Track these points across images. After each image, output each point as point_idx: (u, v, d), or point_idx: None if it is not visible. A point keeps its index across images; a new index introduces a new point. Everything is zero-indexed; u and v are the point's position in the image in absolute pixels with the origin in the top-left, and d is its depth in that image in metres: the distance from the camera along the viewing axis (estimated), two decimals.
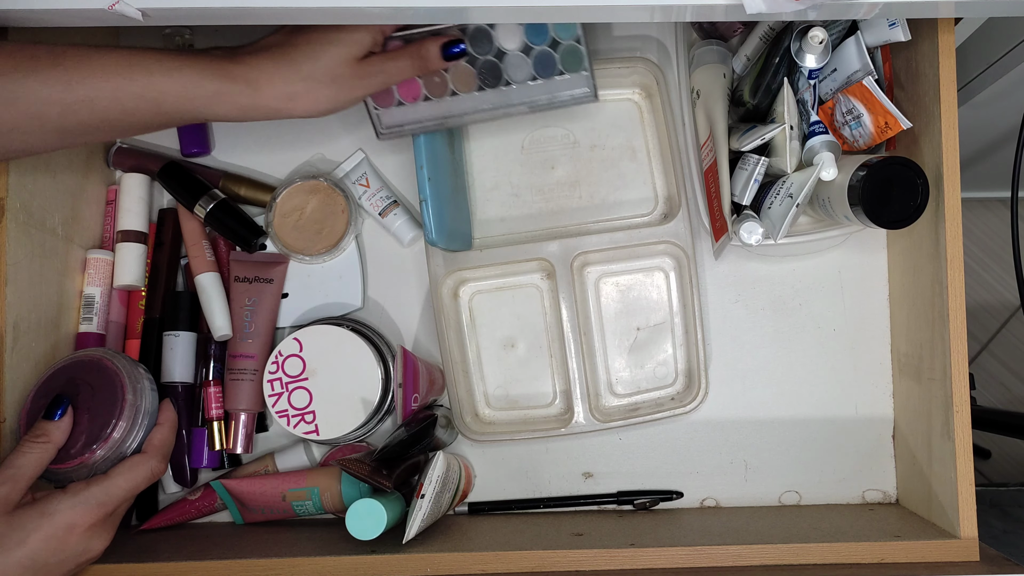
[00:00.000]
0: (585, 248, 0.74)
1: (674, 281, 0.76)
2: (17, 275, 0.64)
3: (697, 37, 0.74)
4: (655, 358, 0.77)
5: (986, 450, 1.47)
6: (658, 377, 0.77)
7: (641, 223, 0.76)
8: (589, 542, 0.66)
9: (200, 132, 0.76)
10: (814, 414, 0.76)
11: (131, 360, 0.68)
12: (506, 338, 0.77)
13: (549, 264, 0.74)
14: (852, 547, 0.64)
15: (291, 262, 0.76)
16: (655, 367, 0.77)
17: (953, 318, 0.64)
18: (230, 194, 0.75)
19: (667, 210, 0.76)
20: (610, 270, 0.77)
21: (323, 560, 0.63)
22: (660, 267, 0.76)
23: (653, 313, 0.77)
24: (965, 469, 0.64)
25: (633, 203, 0.77)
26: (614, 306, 0.77)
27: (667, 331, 0.76)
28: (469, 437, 0.75)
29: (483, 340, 0.77)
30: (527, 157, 0.77)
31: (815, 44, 0.62)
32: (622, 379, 0.77)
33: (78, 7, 0.52)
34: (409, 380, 0.69)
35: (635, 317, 0.77)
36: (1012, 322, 1.56)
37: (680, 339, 0.76)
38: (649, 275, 0.77)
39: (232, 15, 0.52)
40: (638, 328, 0.77)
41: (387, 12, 0.53)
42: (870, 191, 0.61)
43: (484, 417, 0.77)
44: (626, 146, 0.77)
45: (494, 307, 0.77)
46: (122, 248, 0.74)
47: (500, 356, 0.77)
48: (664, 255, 0.76)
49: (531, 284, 0.77)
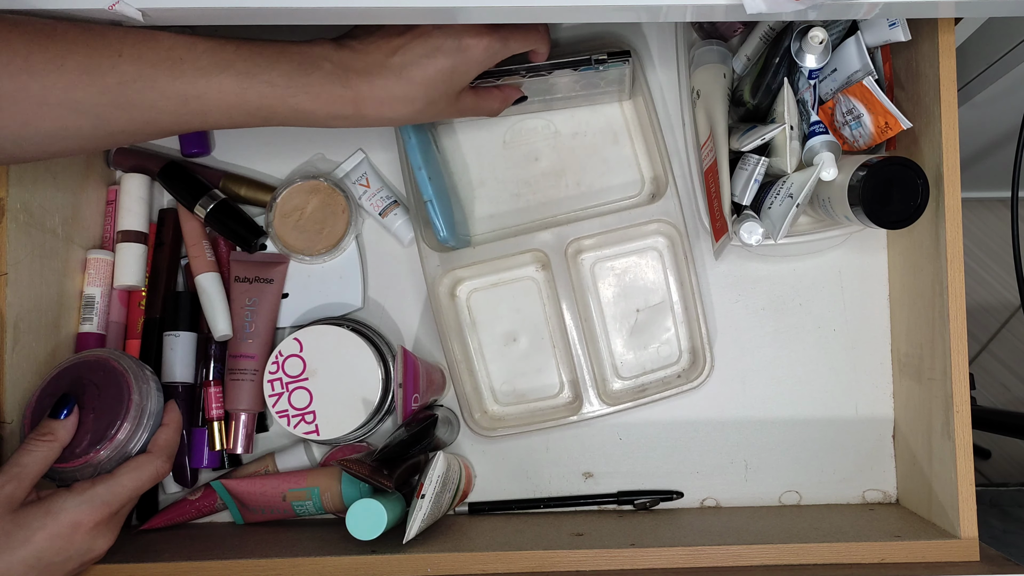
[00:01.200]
0: (578, 235, 0.74)
1: (668, 259, 0.76)
2: (17, 275, 0.64)
3: (697, 37, 0.74)
4: (658, 338, 0.77)
5: (986, 450, 1.47)
6: (663, 356, 0.77)
7: (630, 204, 0.76)
8: (589, 542, 0.66)
9: (200, 132, 0.76)
10: (814, 414, 0.76)
11: (137, 361, 0.68)
12: (507, 333, 0.77)
13: (543, 254, 0.74)
14: (852, 547, 0.64)
15: (291, 262, 0.76)
16: (659, 347, 0.77)
17: (953, 318, 0.64)
18: (230, 194, 0.75)
19: (654, 190, 0.77)
20: (604, 255, 0.77)
21: (323, 560, 0.63)
22: (654, 247, 0.77)
23: (651, 293, 0.77)
24: (965, 469, 0.64)
25: (620, 187, 0.77)
26: (612, 290, 0.77)
27: (667, 310, 0.77)
28: (480, 434, 0.75)
29: (484, 337, 0.77)
30: (510, 151, 0.77)
31: (815, 44, 0.62)
32: (627, 362, 0.77)
33: (78, 7, 0.52)
34: (409, 380, 0.69)
35: (634, 299, 0.77)
36: (1012, 322, 1.56)
37: (680, 316, 0.76)
38: (643, 256, 0.77)
39: (232, 15, 0.52)
40: (638, 310, 0.77)
41: (388, 12, 0.53)
42: (870, 191, 0.61)
43: (493, 413, 0.77)
44: (607, 131, 0.77)
45: (492, 303, 0.77)
46: (122, 248, 0.74)
47: (503, 351, 0.77)
48: (657, 235, 0.76)
49: (527, 277, 0.77)
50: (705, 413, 0.76)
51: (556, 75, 0.68)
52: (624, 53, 0.67)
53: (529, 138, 0.77)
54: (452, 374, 0.75)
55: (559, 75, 0.68)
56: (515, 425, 0.75)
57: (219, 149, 0.78)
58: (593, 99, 0.75)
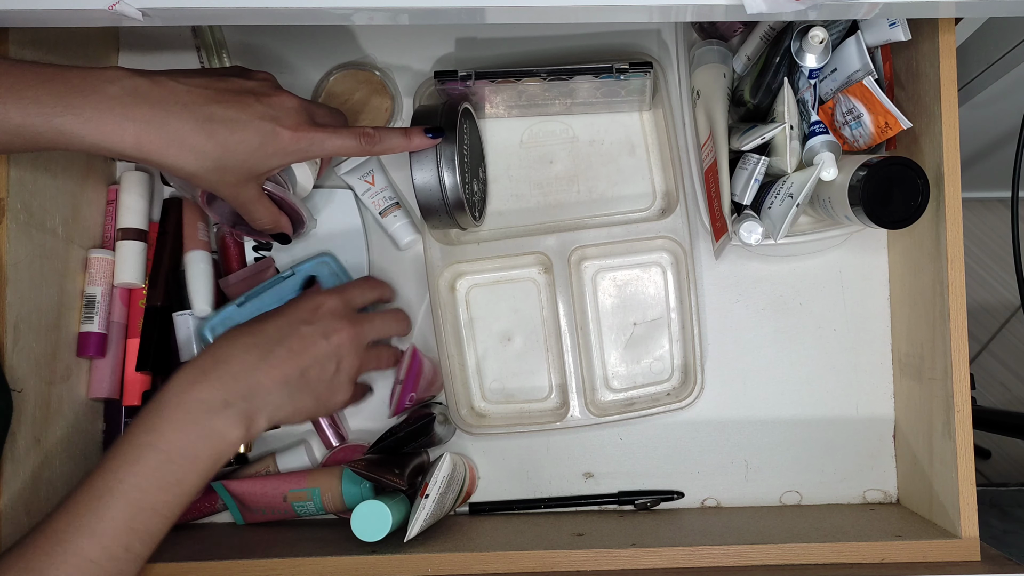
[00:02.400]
0: (583, 242, 0.74)
1: (671, 277, 0.76)
2: (17, 275, 0.63)
3: (697, 37, 0.74)
4: (651, 353, 0.77)
5: (986, 450, 1.47)
6: (654, 372, 0.77)
7: (639, 218, 0.76)
8: (590, 542, 0.66)
9: None
10: (815, 414, 0.76)
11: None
12: (503, 332, 0.77)
13: (546, 258, 0.74)
14: (853, 547, 0.64)
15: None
16: (651, 362, 0.77)
17: (954, 318, 0.64)
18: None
19: (665, 205, 0.76)
20: (607, 265, 0.77)
21: (324, 560, 0.63)
22: (657, 262, 0.76)
23: (650, 308, 0.77)
24: (966, 468, 0.64)
25: (631, 198, 0.77)
26: (611, 301, 0.77)
27: (664, 327, 0.76)
28: (465, 430, 0.74)
29: (480, 334, 0.77)
30: (526, 151, 0.77)
31: (815, 44, 0.62)
32: (618, 374, 0.77)
33: (78, 7, 0.52)
34: (410, 380, 0.69)
35: (632, 312, 0.77)
36: (1012, 322, 1.56)
37: (676, 335, 0.76)
38: (646, 270, 0.77)
39: (233, 15, 0.52)
40: (635, 323, 0.77)
41: (387, 12, 0.53)
42: (871, 191, 0.61)
43: (480, 410, 0.77)
44: (625, 141, 0.77)
45: (491, 301, 0.77)
46: (122, 246, 0.74)
47: (497, 350, 0.77)
48: (662, 251, 0.76)
49: (528, 278, 0.77)
50: (706, 413, 0.76)
51: (577, 80, 0.68)
52: (646, 64, 0.68)
53: (546, 140, 0.77)
54: (443, 367, 0.75)
55: (580, 81, 0.68)
56: (499, 424, 0.75)
57: None
58: (613, 107, 0.76)
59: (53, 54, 0.66)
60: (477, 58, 0.77)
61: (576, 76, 0.67)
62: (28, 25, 0.57)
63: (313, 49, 0.76)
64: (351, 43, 0.77)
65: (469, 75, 0.67)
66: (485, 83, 0.68)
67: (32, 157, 0.64)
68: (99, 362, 0.73)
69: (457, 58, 0.77)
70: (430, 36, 0.77)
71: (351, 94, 0.75)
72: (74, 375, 0.71)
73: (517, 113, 0.76)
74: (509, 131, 0.77)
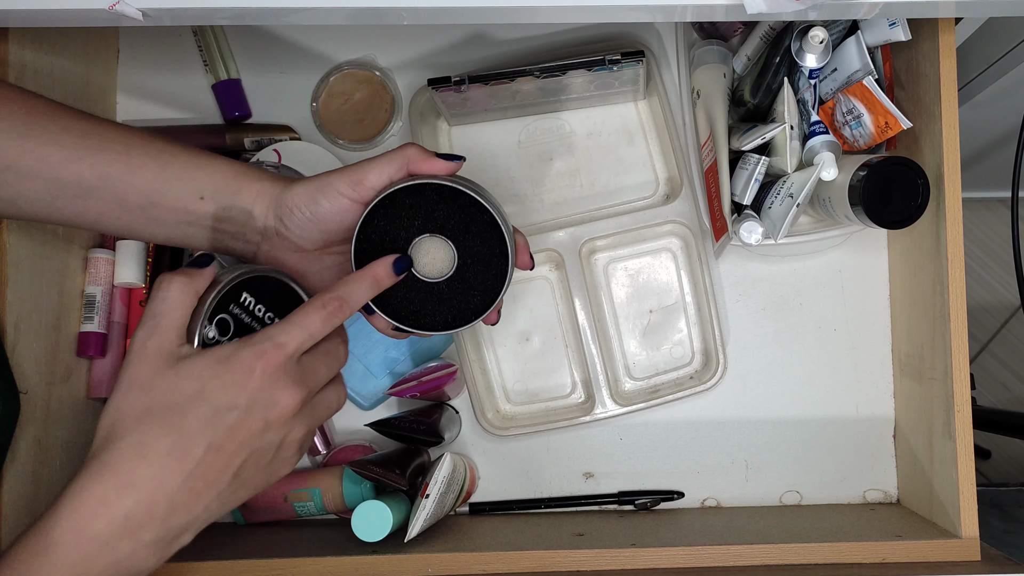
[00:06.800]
0: (592, 235, 0.74)
1: (682, 260, 0.76)
2: (17, 275, 0.63)
3: (697, 37, 0.74)
4: (671, 339, 0.77)
5: (986, 450, 1.47)
6: (675, 357, 0.77)
7: (645, 205, 0.76)
8: (590, 542, 0.66)
9: (238, 93, 0.75)
10: (815, 414, 0.76)
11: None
12: (520, 332, 0.77)
13: (557, 254, 0.74)
14: (853, 547, 0.64)
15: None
16: (671, 348, 0.77)
17: (954, 318, 0.64)
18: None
19: (669, 191, 0.77)
20: (618, 255, 0.77)
21: (324, 560, 0.63)
22: (668, 248, 0.77)
23: (665, 294, 0.77)
24: (966, 468, 0.64)
25: (635, 187, 0.77)
26: (625, 291, 0.77)
27: (680, 311, 0.77)
28: (493, 433, 0.74)
29: (498, 336, 0.77)
30: (524, 151, 0.77)
31: (815, 44, 0.62)
32: (639, 362, 0.77)
33: (78, 7, 0.52)
34: (427, 386, 0.70)
35: (647, 300, 0.77)
36: (1012, 322, 1.56)
37: (694, 318, 0.76)
38: (657, 257, 0.77)
39: (233, 15, 0.52)
40: (651, 310, 0.77)
41: (387, 12, 0.53)
42: (871, 191, 0.61)
43: (505, 412, 0.77)
44: (623, 131, 0.77)
45: (506, 302, 0.77)
46: (122, 246, 0.74)
47: (516, 350, 0.77)
48: (671, 235, 0.76)
49: (540, 276, 0.77)
50: (706, 413, 0.76)
51: (570, 75, 0.68)
52: (638, 53, 0.67)
53: (544, 138, 0.77)
54: (465, 372, 0.75)
55: (573, 75, 0.68)
56: (527, 424, 0.75)
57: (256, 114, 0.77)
58: (608, 99, 0.76)
59: (53, 54, 0.66)
60: (478, 58, 0.77)
61: (569, 71, 0.67)
62: (28, 25, 0.57)
63: (313, 49, 0.76)
64: (351, 43, 0.77)
65: (462, 80, 0.67)
66: (479, 86, 0.68)
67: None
68: (99, 362, 0.73)
69: (451, 63, 0.77)
70: (430, 36, 0.77)
71: (351, 94, 0.75)
72: (74, 375, 0.71)
73: (512, 114, 0.76)
74: (506, 132, 0.77)
